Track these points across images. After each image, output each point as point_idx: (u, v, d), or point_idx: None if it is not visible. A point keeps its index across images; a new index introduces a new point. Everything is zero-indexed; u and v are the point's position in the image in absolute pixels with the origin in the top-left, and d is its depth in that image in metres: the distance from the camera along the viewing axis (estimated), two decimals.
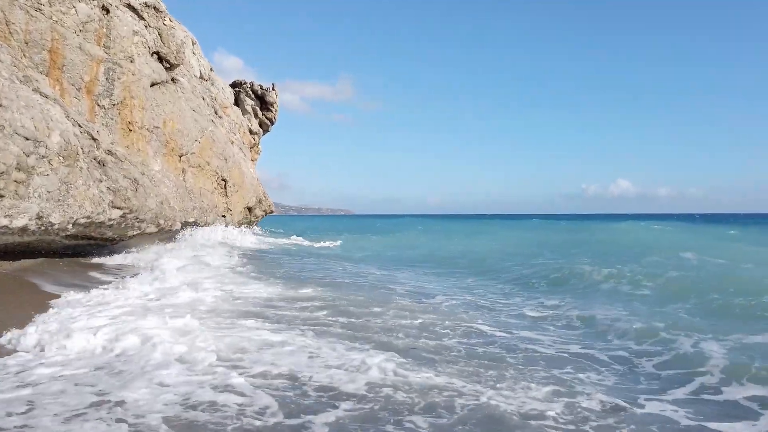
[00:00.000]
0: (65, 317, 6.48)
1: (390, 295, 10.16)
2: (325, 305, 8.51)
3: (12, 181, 8.69)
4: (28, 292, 8.38)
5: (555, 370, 5.41)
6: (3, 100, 8.80)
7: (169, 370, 4.65)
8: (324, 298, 9.17)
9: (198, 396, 4.12)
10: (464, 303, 9.90)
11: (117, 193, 11.36)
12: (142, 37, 17.93)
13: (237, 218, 23.22)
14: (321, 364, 5.08)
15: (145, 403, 3.90)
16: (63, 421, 3.57)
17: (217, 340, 5.62)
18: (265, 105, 33.02)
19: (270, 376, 4.69)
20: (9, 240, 10.06)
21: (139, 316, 6.53)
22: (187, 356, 5.04)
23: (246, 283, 10.57)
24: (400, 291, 10.96)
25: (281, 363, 5.04)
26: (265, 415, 3.89)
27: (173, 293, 8.66)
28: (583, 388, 4.83)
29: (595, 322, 7.86)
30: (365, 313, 7.99)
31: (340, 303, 8.83)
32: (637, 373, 5.53)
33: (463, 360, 5.64)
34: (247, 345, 5.60)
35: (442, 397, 4.39)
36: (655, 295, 10.21)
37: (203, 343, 5.43)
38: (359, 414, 3.99)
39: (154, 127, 18.23)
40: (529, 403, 4.34)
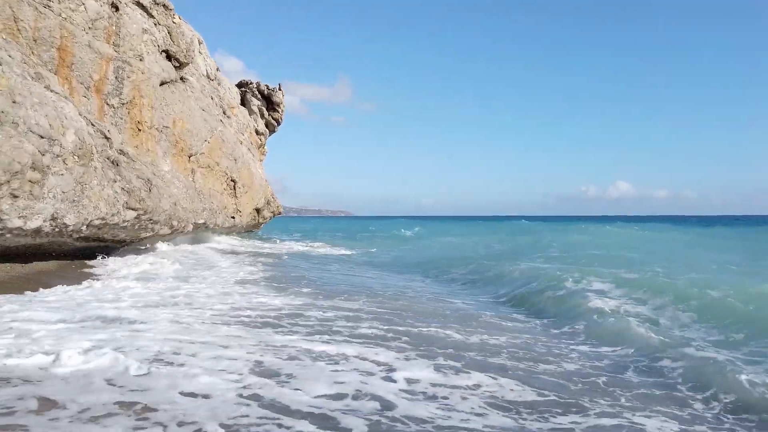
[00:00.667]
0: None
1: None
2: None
3: (27, 180, 8.34)
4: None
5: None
6: (17, 97, 8.46)
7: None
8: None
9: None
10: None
11: (131, 194, 11.01)
12: (151, 35, 17.59)
13: (246, 220, 22.88)
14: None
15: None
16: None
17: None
18: (272, 105, 32.69)
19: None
20: (21, 242, 9.71)
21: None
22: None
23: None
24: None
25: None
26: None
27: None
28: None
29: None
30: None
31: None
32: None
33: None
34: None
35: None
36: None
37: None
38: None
39: (164, 126, 17.89)
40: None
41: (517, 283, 11.49)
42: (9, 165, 7.85)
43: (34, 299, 7.40)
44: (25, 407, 3.40)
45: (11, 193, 8.17)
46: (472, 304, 9.84)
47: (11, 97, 8.34)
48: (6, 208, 8.19)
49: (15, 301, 7.03)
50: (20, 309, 6.48)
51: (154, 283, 9.37)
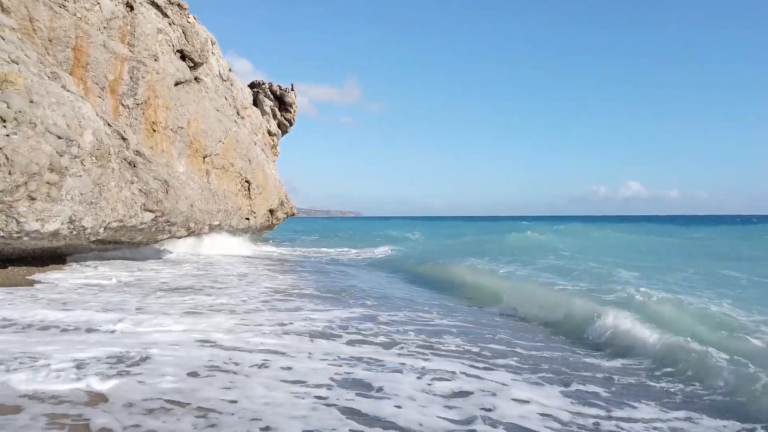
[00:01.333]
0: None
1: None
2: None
3: (44, 182, 8.14)
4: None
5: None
6: (34, 96, 8.25)
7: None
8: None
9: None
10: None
11: (149, 196, 10.80)
12: (166, 35, 17.42)
13: (260, 221, 22.68)
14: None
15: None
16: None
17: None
18: (284, 106, 32.49)
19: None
20: (37, 245, 9.53)
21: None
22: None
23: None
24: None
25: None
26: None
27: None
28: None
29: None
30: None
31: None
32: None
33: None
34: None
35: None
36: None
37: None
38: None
39: (178, 127, 17.71)
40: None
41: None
42: (26, 166, 7.64)
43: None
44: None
45: (29, 195, 7.97)
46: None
47: (28, 96, 8.14)
48: (23, 210, 7.99)
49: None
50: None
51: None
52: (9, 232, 8.06)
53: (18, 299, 7.03)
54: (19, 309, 6.29)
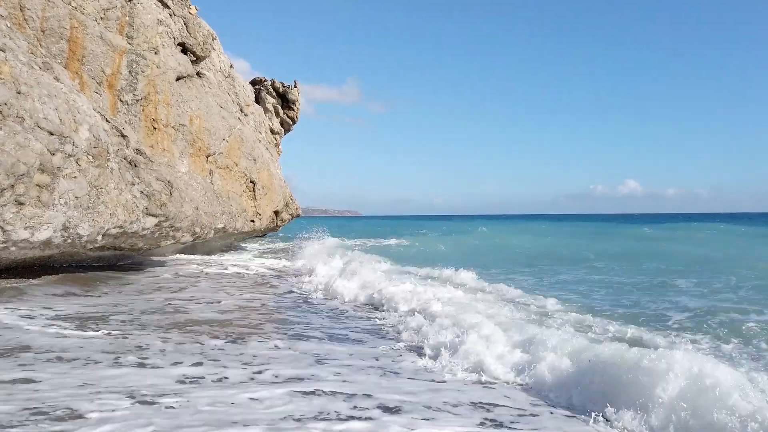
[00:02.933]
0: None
1: None
2: None
3: (34, 185, 7.14)
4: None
5: None
6: (22, 86, 7.25)
7: None
8: None
9: None
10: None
11: (151, 198, 9.80)
12: (166, 27, 16.41)
13: (265, 223, 21.68)
14: None
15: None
16: None
17: None
18: (287, 103, 31.46)
19: None
20: (28, 254, 8.53)
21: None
22: None
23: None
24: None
25: None
26: None
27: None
28: None
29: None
30: None
31: None
32: None
33: None
34: None
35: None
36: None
37: None
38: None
39: (180, 125, 16.70)
40: None
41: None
42: (13, 167, 6.65)
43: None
44: None
45: (16, 200, 6.97)
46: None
47: (15, 86, 7.14)
48: (9, 217, 6.99)
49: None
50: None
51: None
52: None
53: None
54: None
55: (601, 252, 21.35)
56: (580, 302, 9.12)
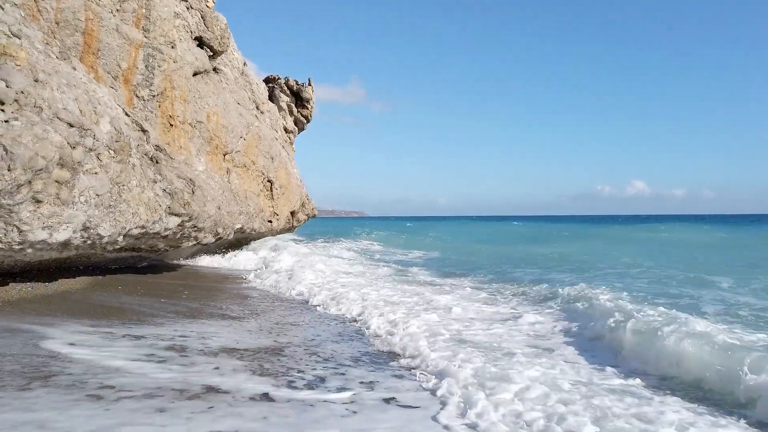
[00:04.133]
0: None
1: None
2: None
3: (53, 181, 6.54)
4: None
5: None
6: (39, 74, 6.66)
7: None
8: None
9: None
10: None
11: (174, 197, 9.20)
12: (183, 20, 15.83)
13: (282, 224, 21.10)
14: None
15: None
16: None
17: None
18: (301, 101, 30.89)
19: None
20: (44, 256, 7.93)
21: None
22: None
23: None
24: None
25: None
26: None
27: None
28: None
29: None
30: None
31: None
32: None
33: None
34: None
35: None
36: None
37: None
38: None
39: (197, 121, 16.13)
40: None
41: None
42: (30, 161, 6.05)
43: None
44: None
45: (33, 197, 6.38)
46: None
47: (33, 74, 6.55)
48: (26, 216, 6.39)
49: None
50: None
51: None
52: (8, 242, 6.47)
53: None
54: None
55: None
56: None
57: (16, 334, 5.61)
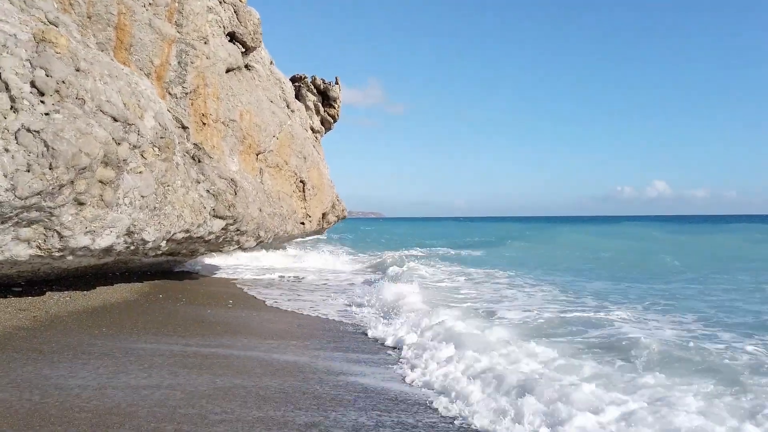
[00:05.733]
0: None
1: None
2: None
3: (96, 181, 5.90)
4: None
5: None
6: (81, 63, 6.02)
7: None
8: None
9: None
10: None
11: (218, 198, 8.55)
12: (216, 15, 15.23)
13: (314, 226, 20.45)
14: None
15: None
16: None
17: None
18: (328, 101, 30.21)
19: None
20: (82, 263, 7.32)
21: None
22: None
23: None
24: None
25: None
26: None
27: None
28: None
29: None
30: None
31: None
32: None
33: None
34: None
35: None
36: None
37: None
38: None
39: (230, 120, 15.50)
40: None
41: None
42: (74, 158, 5.40)
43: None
44: None
45: (76, 199, 5.74)
46: None
47: (74, 62, 5.91)
48: (68, 220, 5.76)
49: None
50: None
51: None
52: (48, 249, 5.84)
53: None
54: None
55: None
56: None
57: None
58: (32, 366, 4.45)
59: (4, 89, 5.19)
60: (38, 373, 4.27)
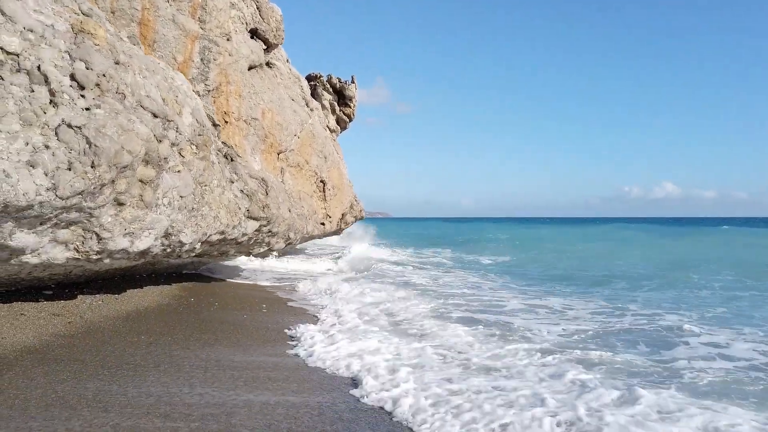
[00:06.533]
0: None
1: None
2: None
3: (137, 180, 5.58)
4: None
5: None
6: (120, 55, 5.71)
7: None
8: None
9: None
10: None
11: (252, 199, 8.23)
12: (239, 11, 14.94)
13: (334, 226, 20.13)
14: None
15: None
16: None
17: None
18: (343, 100, 29.88)
19: None
20: (114, 265, 7.02)
21: None
22: None
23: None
24: None
25: None
26: None
27: None
28: None
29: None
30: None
31: None
32: None
33: None
34: None
35: None
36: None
37: None
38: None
39: (252, 118, 15.21)
40: None
41: None
42: (116, 156, 5.09)
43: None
44: None
45: (116, 199, 5.43)
46: None
47: (113, 55, 5.60)
48: (107, 221, 5.45)
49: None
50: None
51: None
52: (86, 252, 5.54)
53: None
54: None
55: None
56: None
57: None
58: (95, 382, 4.11)
59: (44, 82, 4.88)
60: (103, 389, 3.95)
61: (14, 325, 5.46)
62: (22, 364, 4.41)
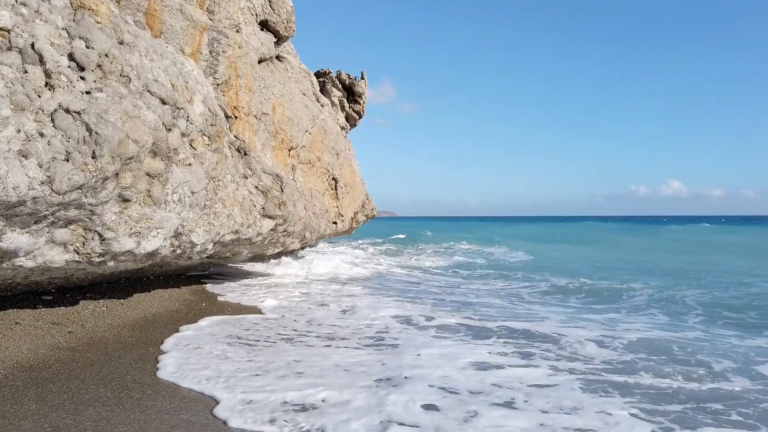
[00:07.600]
0: None
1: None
2: None
3: (143, 174, 4.99)
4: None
5: None
6: (124, 35, 5.12)
7: None
8: None
9: None
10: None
11: (267, 195, 7.64)
12: (249, 2, 14.35)
13: (347, 225, 19.53)
14: None
15: None
16: None
17: None
18: (353, 96, 29.26)
19: None
20: (119, 267, 6.44)
21: None
22: None
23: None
24: None
25: None
26: None
27: None
28: None
29: None
30: None
31: None
32: None
33: None
34: None
35: None
36: None
37: None
38: None
39: (262, 113, 14.63)
40: None
41: None
42: (120, 145, 4.50)
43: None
44: None
45: (120, 195, 4.84)
46: None
47: (116, 34, 5.02)
48: (111, 219, 4.86)
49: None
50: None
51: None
52: (87, 254, 4.95)
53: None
54: None
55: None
56: None
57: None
58: (96, 408, 3.52)
59: (38, 62, 4.30)
60: (104, 416, 3.36)
61: (7, 336, 4.88)
62: (12, 385, 3.83)
